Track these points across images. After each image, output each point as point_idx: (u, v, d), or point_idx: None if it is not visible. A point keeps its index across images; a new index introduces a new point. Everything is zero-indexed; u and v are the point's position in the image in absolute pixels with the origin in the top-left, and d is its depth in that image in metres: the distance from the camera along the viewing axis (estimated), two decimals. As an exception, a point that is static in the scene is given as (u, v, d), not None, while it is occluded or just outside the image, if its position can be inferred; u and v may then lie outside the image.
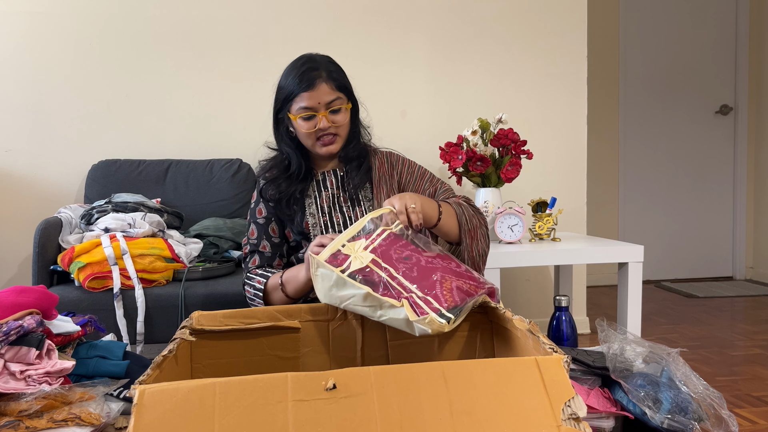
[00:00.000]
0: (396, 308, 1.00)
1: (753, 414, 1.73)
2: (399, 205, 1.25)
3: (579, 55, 2.72)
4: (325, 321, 1.15)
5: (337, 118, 1.45)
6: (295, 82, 1.42)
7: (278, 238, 1.53)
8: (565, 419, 0.72)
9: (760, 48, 3.92)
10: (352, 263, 1.08)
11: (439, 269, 1.10)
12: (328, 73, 1.43)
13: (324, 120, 1.42)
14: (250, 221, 1.56)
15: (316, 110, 1.42)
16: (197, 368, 1.06)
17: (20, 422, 0.95)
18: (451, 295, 1.04)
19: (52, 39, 2.43)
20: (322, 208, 1.51)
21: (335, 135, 1.46)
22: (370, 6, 2.60)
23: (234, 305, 1.77)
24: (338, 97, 1.44)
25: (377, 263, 1.09)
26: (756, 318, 2.94)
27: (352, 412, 0.70)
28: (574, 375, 1.25)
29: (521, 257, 1.99)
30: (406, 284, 1.05)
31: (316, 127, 1.43)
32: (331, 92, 1.43)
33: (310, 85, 1.40)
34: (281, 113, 1.49)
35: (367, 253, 1.11)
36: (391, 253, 1.13)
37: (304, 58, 1.46)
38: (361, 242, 1.14)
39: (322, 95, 1.41)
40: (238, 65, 2.54)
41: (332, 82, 1.43)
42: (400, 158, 1.61)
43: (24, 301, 1.06)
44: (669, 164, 3.97)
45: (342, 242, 1.14)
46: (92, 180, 2.33)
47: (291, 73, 1.45)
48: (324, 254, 1.12)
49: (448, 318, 0.99)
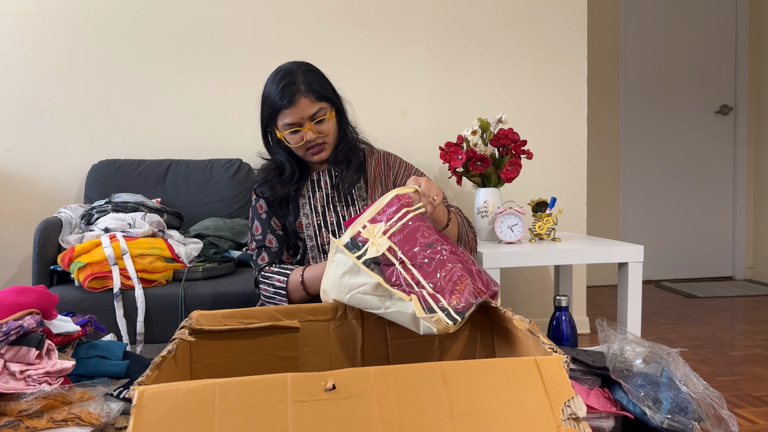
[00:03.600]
0: (404, 302, 1.00)
1: (753, 414, 1.73)
2: (425, 187, 1.24)
3: (579, 56, 2.73)
4: (325, 321, 1.15)
5: (322, 128, 1.45)
6: (276, 98, 1.41)
7: (282, 231, 1.54)
8: (564, 419, 0.72)
9: (760, 48, 3.92)
10: (368, 250, 1.08)
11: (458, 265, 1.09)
12: (307, 85, 1.42)
13: (309, 132, 1.43)
14: (253, 218, 1.57)
15: (300, 124, 1.42)
16: (197, 368, 1.06)
17: (20, 422, 0.95)
18: (463, 296, 1.03)
19: (52, 39, 2.43)
20: (315, 209, 1.52)
21: (323, 143, 1.47)
22: (370, 6, 2.60)
23: (234, 305, 1.78)
24: (320, 108, 1.43)
25: (393, 251, 1.08)
26: (756, 318, 2.94)
27: (352, 413, 0.70)
28: (574, 375, 1.25)
29: (521, 257, 1.99)
30: (419, 278, 1.05)
31: (303, 140, 1.44)
32: (311, 105, 1.42)
33: (291, 102, 1.40)
34: (269, 128, 1.50)
35: (385, 239, 1.10)
36: (416, 236, 1.12)
37: (282, 72, 1.44)
38: (380, 225, 1.13)
39: (303, 110, 1.41)
40: (238, 65, 2.54)
41: (312, 94, 1.42)
42: (398, 159, 1.61)
43: (24, 301, 1.06)
44: (669, 164, 3.97)
45: (363, 222, 1.13)
46: (92, 180, 2.33)
47: (271, 88, 1.44)
48: (345, 237, 1.12)
49: (455, 319, 0.99)
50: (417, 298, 1.00)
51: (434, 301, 1.01)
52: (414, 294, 1.01)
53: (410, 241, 1.11)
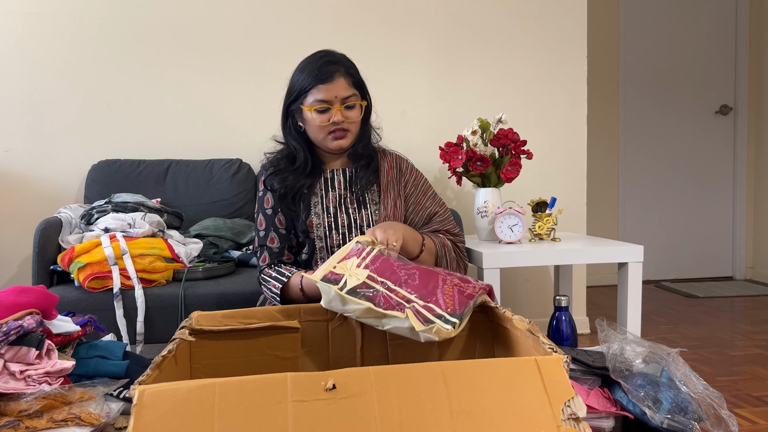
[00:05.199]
0: (400, 318, 1.00)
1: (753, 414, 1.73)
2: (381, 237, 1.26)
3: (579, 56, 2.72)
4: (325, 321, 1.15)
5: (351, 114, 1.46)
6: (313, 74, 1.43)
7: (285, 230, 1.51)
8: (564, 419, 0.72)
9: (760, 48, 3.92)
10: (348, 281, 1.07)
11: (440, 275, 1.11)
12: (345, 68, 1.45)
13: (339, 114, 1.43)
14: (258, 211, 1.53)
15: (331, 103, 1.43)
16: (196, 368, 1.06)
17: (20, 422, 0.95)
18: (452, 299, 1.04)
19: (52, 39, 2.43)
20: (327, 209, 1.50)
21: (347, 130, 1.47)
22: (370, 6, 2.60)
23: (234, 305, 1.78)
24: (354, 94, 1.46)
25: (373, 278, 1.08)
26: (756, 318, 2.94)
27: (352, 413, 0.70)
28: (574, 375, 1.25)
29: (521, 257, 1.99)
30: (406, 294, 1.05)
31: (329, 121, 1.43)
32: (347, 87, 1.44)
33: (328, 78, 1.42)
34: (294, 105, 1.48)
35: (361, 270, 1.10)
36: (390, 263, 1.13)
37: (323, 51, 1.48)
38: (353, 260, 1.13)
39: (338, 89, 1.43)
40: (238, 65, 2.54)
41: (350, 78, 1.45)
42: (409, 166, 1.61)
43: (24, 301, 1.06)
44: (669, 164, 3.97)
45: (333, 264, 1.12)
46: (92, 180, 2.33)
47: (308, 65, 1.45)
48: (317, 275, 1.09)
49: (453, 323, 0.99)
50: (411, 312, 1.00)
51: (428, 311, 1.01)
52: (408, 309, 1.01)
53: (387, 269, 1.11)
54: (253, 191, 2.43)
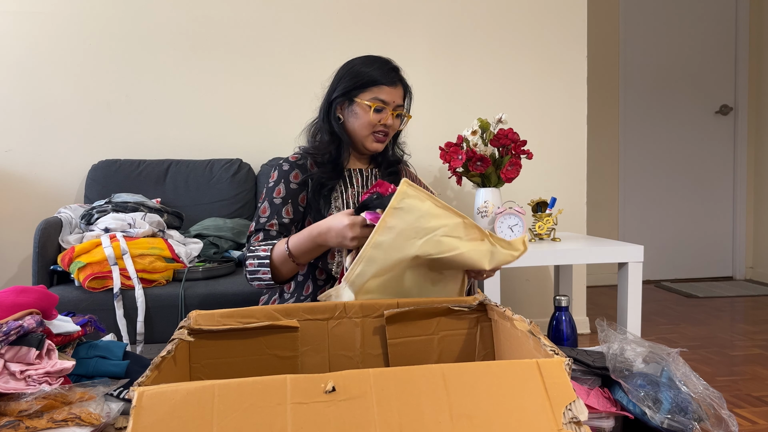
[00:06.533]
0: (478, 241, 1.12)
1: (753, 414, 1.72)
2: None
3: (579, 55, 2.72)
4: (324, 320, 1.15)
5: (397, 122, 1.53)
6: (380, 73, 1.49)
7: (289, 221, 1.49)
8: (566, 423, 0.71)
9: (760, 48, 3.92)
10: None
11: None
12: (403, 80, 1.54)
13: (390, 118, 1.49)
14: (264, 200, 1.51)
15: (388, 106, 1.49)
16: (196, 368, 1.06)
17: (20, 422, 0.95)
18: None
19: (53, 39, 2.43)
20: (347, 203, 1.52)
21: (387, 135, 1.53)
22: (369, 6, 2.59)
23: (234, 305, 1.77)
24: (404, 105, 1.54)
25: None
26: (756, 318, 2.94)
27: (352, 415, 0.70)
28: (574, 375, 1.25)
29: (521, 257, 1.98)
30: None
31: (382, 122, 1.49)
32: (402, 96, 1.53)
33: (394, 82, 1.49)
34: (349, 95, 1.50)
35: None
36: None
37: (385, 57, 1.55)
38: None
39: (397, 96, 1.50)
40: (238, 65, 2.54)
41: (405, 90, 1.54)
42: (422, 184, 1.66)
43: (24, 301, 1.06)
44: (669, 164, 3.97)
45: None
46: (92, 180, 2.33)
47: (373, 63, 1.51)
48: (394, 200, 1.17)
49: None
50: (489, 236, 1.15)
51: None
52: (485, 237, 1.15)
53: None
54: (254, 191, 2.43)
